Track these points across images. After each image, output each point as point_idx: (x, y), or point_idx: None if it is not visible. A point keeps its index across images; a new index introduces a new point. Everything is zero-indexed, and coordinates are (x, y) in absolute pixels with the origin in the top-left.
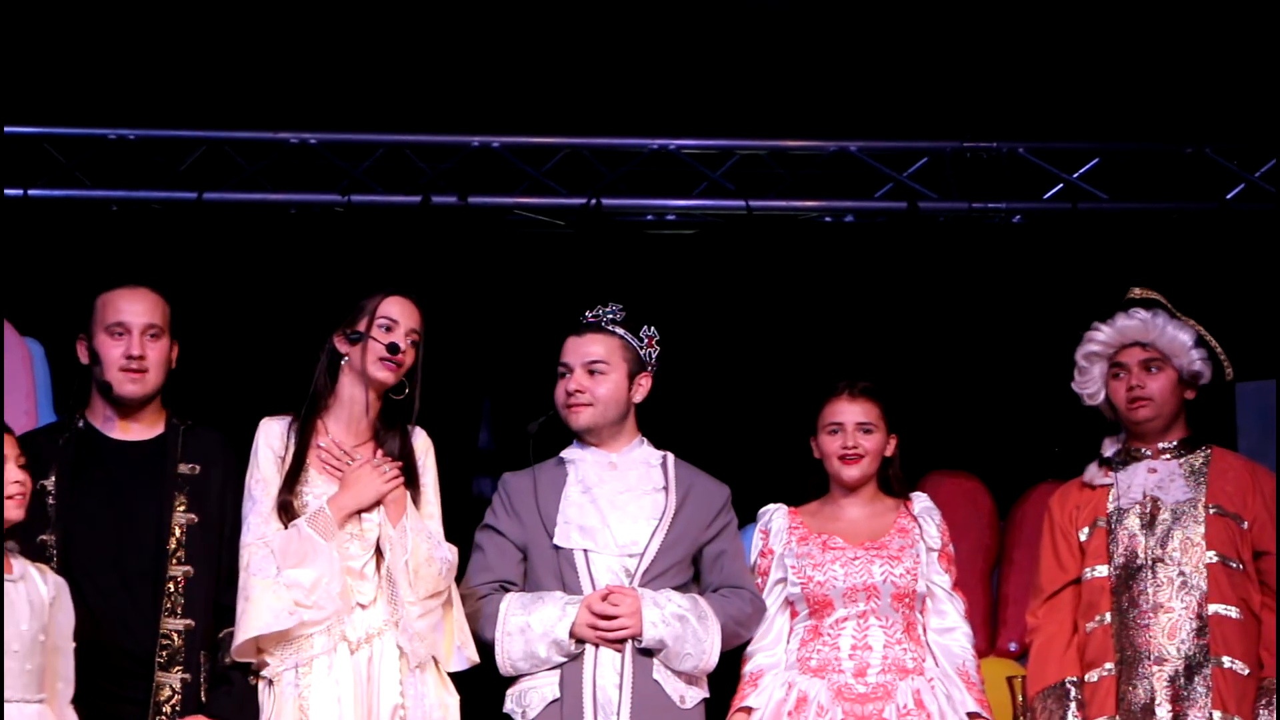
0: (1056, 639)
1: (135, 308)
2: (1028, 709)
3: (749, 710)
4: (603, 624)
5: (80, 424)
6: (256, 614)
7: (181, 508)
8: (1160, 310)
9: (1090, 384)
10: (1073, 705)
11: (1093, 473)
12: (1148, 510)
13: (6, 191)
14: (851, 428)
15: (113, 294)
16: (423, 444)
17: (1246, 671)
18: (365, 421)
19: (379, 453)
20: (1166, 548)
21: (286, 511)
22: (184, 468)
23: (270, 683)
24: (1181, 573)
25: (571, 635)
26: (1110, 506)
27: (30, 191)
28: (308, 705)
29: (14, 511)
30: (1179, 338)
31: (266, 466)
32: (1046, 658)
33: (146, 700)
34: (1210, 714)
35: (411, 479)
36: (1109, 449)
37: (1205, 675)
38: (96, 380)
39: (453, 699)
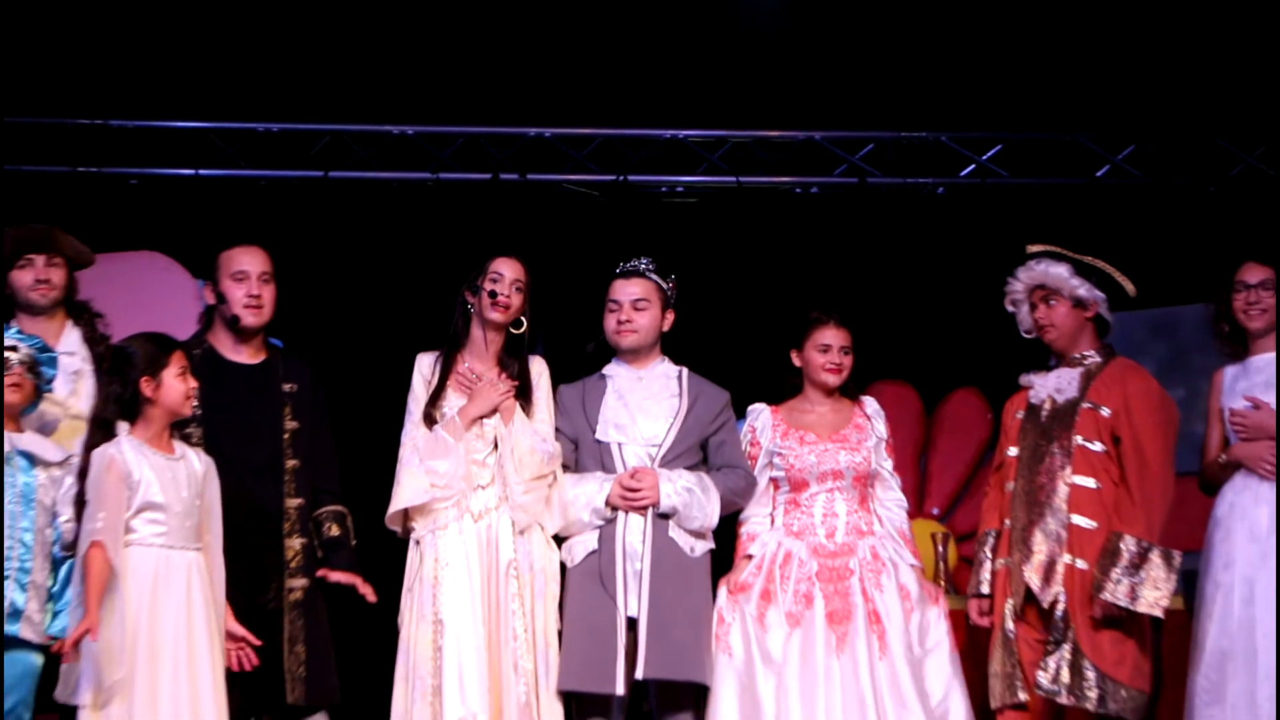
0: (990, 501)
1: (253, 259)
2: (943, 552)
3: (750, 557)
4: (630, 495)
5: (206, 345)
6: (402, 493)
7: (288, 416)
8: (1047, 257)
9: (1024, 322)
10: (990, 544)
11: (1028, 379)
12: (1045, 406)
13: (182, 171)
14: (837, 348)
15: (235, 250)
16: (537, 368)
17: (1094, 526)
18: (490, 352)
19: (501, 375)
20: (1052, 434)
21: (430, 420)
22: (286, 386)
23: (417, 542)
24: (1059, 454)
25: (607, 504)
26: (1031, 402)
27: (200, 171)
28: (441, 559)
29: (189, 409)
30: (1059, 273)
31: (418, 387)
32: (984, 514)
33: (281, 557)
34: (1065, 558)
35: (525, 394)
36: (1051, 362)
37: (1063, 530)
38: (223, 316)
39: (554, 554)
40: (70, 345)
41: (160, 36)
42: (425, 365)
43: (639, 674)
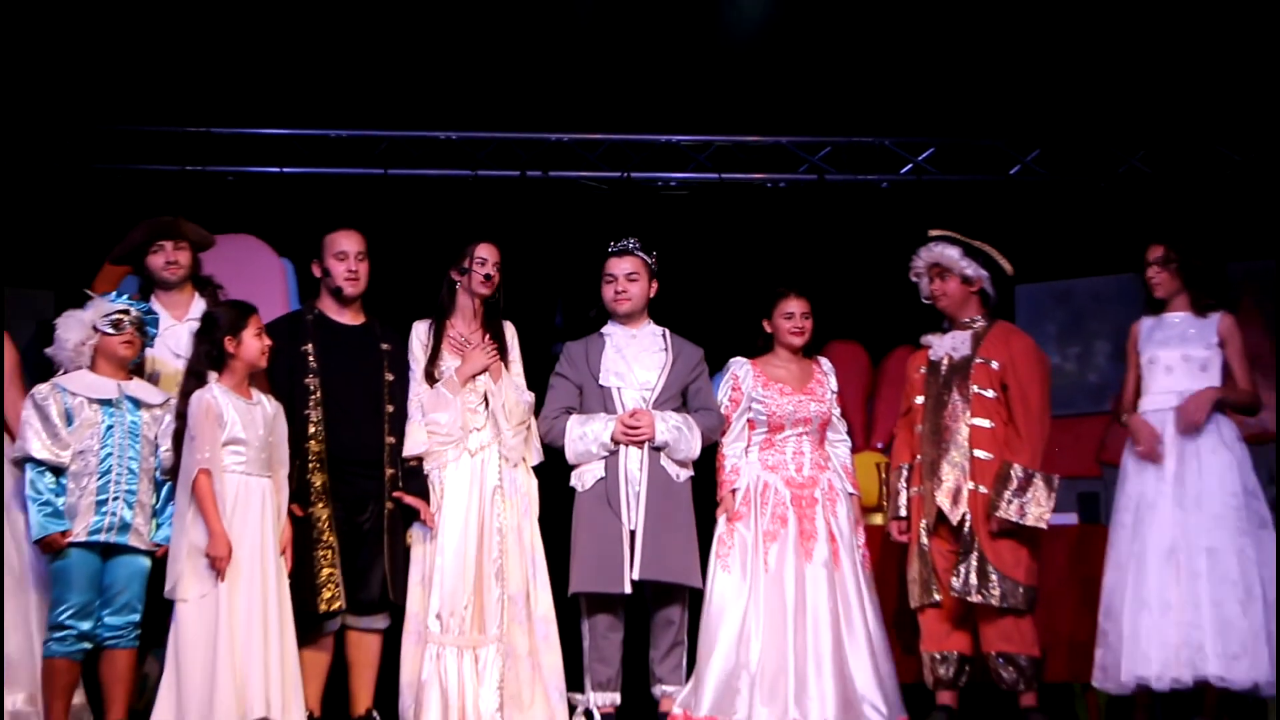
0: (901, 440)
1: (352, 241)
2: (885, 478)
3: (735, 490)
4: (630, 431)
5: (318, 312)
6: (410, 442)
7: (386, 370)
8: (943, 241)
9: (923, 291)
10: (905, 476)
11: (927, 339)
12: (944, 362)
13: (269, 169)
14: (799, 314)
15: (337, 233)
16: (510, 331)
17: (991, 458)
18: (475, 320)
19: (485, 338)
20: (953, 385)
21: (430, 378)
22: (384, 345)
23: (426, 475)
24: (959, 401)
25: (611, 439)
26: (931, 359)
27: (284, 169)
28: (445, 488)
29: (264, 362)
30: (951, 255)
31: (416, 350)
32: (896, 451)
33: (381, 482)
34: (968, 484)
35: (504, 353)
36: (944, 325)
37: (966, 461)
38: (328, 287)
39: (533, 481)
40: (196, 313)
41: (253, 62)
42: (421, 332)
43: (635, 575)
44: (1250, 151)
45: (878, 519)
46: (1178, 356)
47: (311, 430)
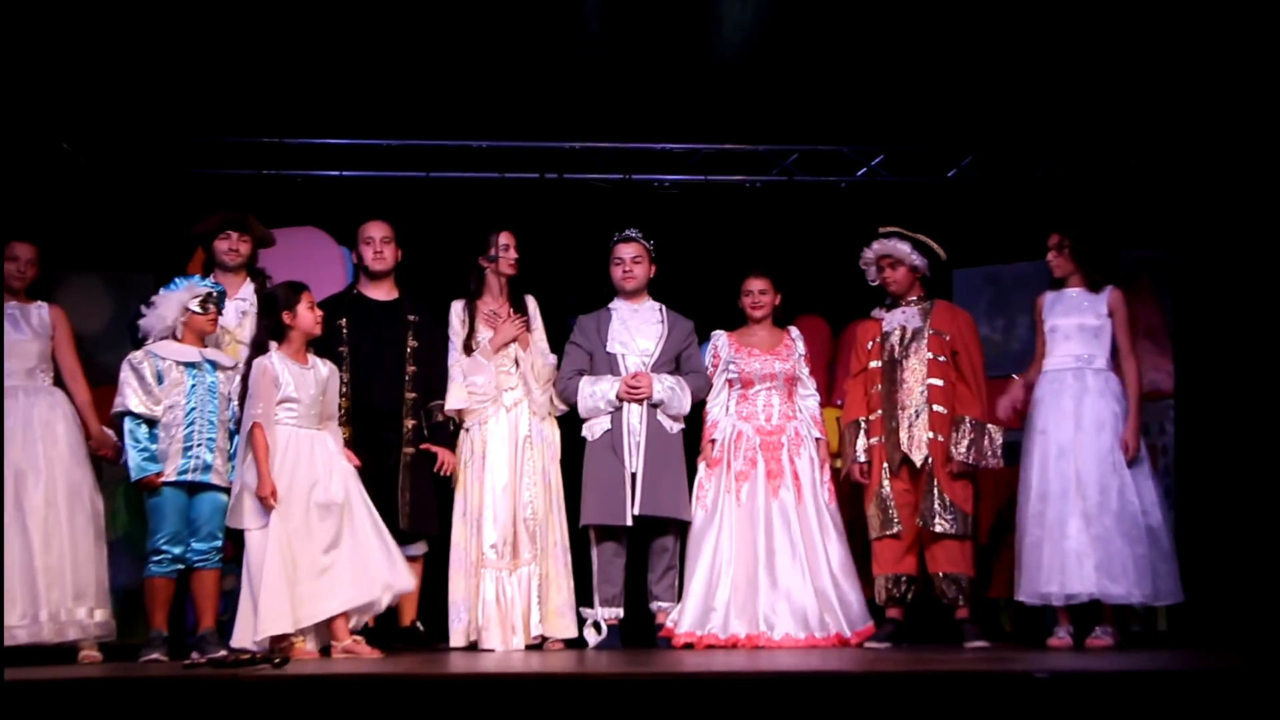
0: (856, 398)
1: (377, 228)
2: (842, 431)
3: (714, 441)
4: (632, 390)
5: (355, 292)
6: (451, 399)
7: (411, 337)
8: (895, 236)
9: (871, 276)
10: (862, 430)
11: (878, 313)
12: (896, 331)
13: (330, 172)
14: (756, 292)
15: (367, 223)
16: (533, 304)
17: (945, 412)
18: (502, 297)
19: (512, 313)
20: (909, 350)
21: (467, 348)
22: (411, 316)
23: (467, 429)
24: (915, 364)
25: (616, 397)
26: (884, 330)
27: (344, 173)
28: (486, 439)
29: (318, 330)
30: (901, 249)
31: (456, 325)
32: (851, 407)
33: (400, 433)
34: (928, 433)
35: (529, 325)
36: (887, 301)
37: (925, 415)
38: (362, 267)
39: (556, 431)
40: (245, 294)
41: (318, 84)
42: (458, 309)
43: (636, 510)
44: (1145, 158)
45: (837, 463)
46: (1075, 325)
47: (342, 390)
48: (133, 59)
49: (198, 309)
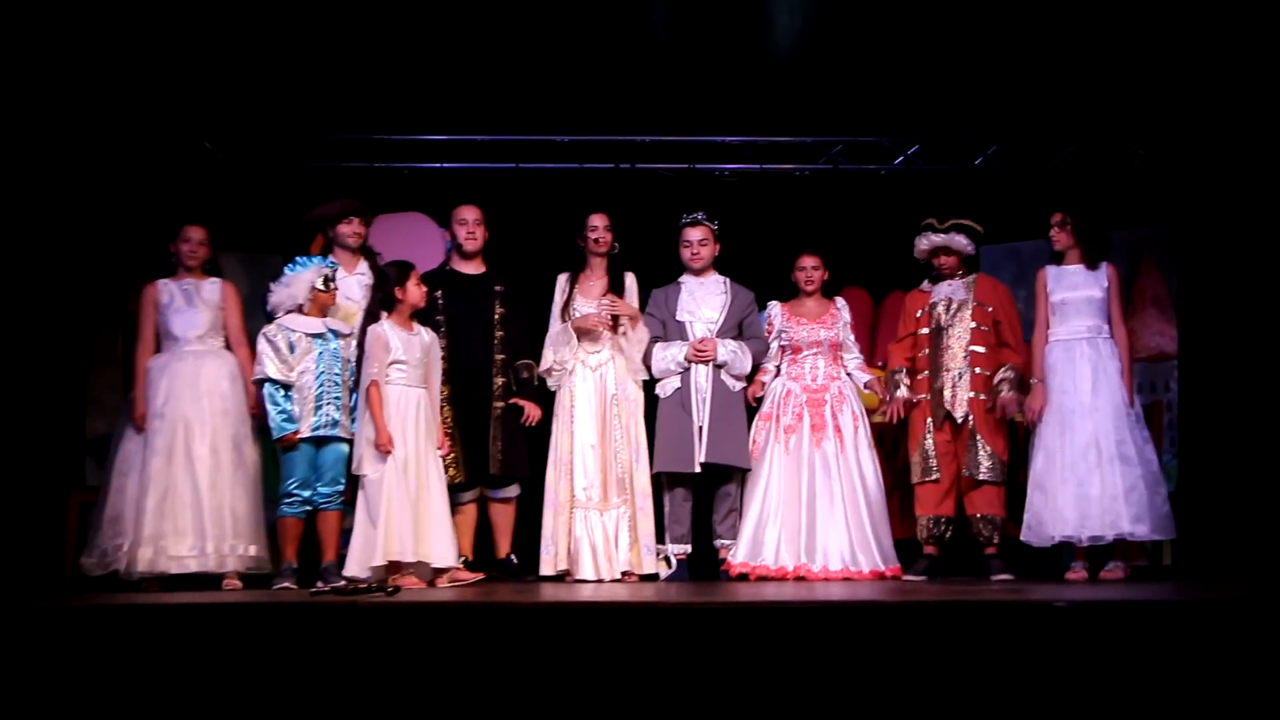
0: (898, 357)
1: (470, 211)
2: (884, 377)
3: (764, 384)
4: (699, 353)
5: (448, 268)
6: (543, 361)
7: (498, 305)
8: (954, 229)
9: (922, 256)
10: (903, 373)
11: (926, 286)
12: (946, 302)
13: (432, 164)
14: (809, 268)
15: (460, 206)
16: (630, 280)
17: (986, 374)
18: (600, 274)
19: (609, 295)
20: (954, 319)
21: (564, 317)
22: (498, 287)
23: (558, 387)
24: (960, 332)
25: (685, 358)
26: (931, 301)
27: (444, 164)
28: (574, 395)
29: (423, 302)
30: (959, 240)
31: (558, 296)
32: (892, 362)
33: (490, 389)
34: (970, 393)
35: (624, 296)
36: (932, 274)
37: (968, 376)
38: (455, 246)
39: (640, 393)
40: (362, 270)
41: (421, 87)
42: (561, 281)
43: (703, 458)
44: (1151, 146)
45: (876, 417)
46: (1084, 299)
47: (440, 354)
48: (262, 69)
49: (322, 286)
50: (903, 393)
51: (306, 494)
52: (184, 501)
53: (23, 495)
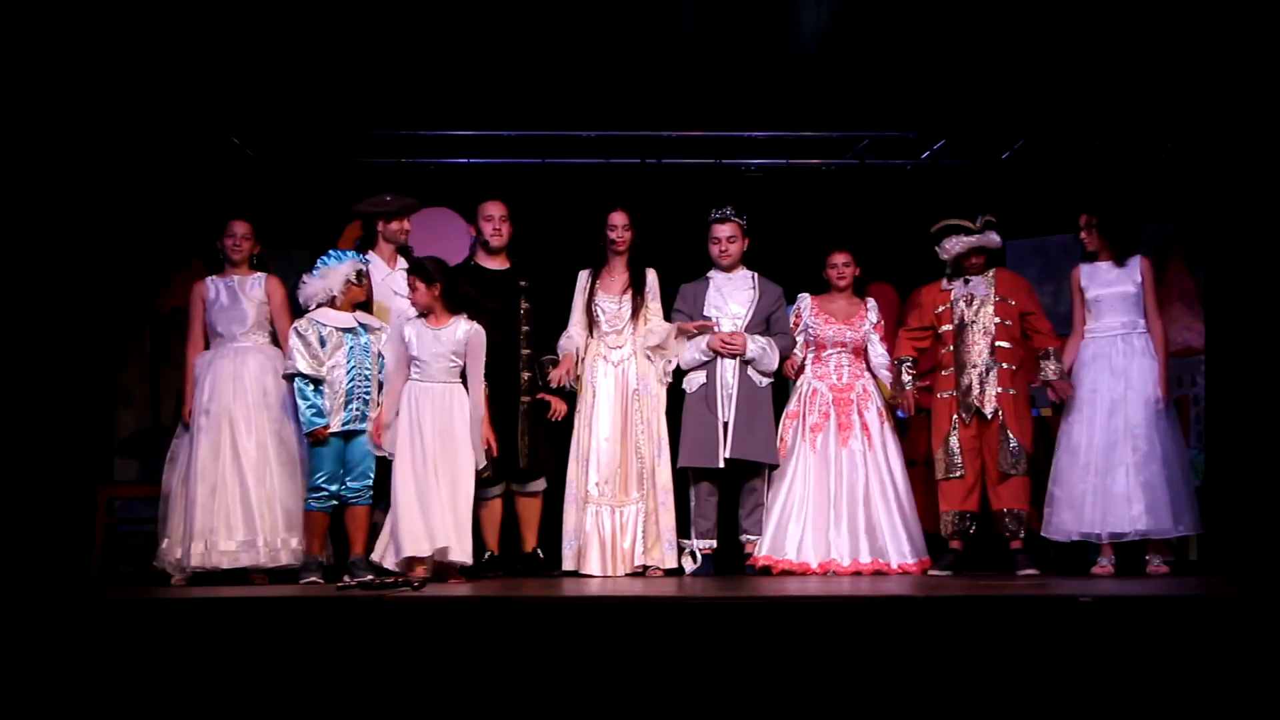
0: (905, 342)
1: (495, 208)
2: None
3: (798, 363)
4: (727, 345)
5: (472, 263)
6: (562, 350)
7: (523, 300)
8: (990, 228)
9: (949, 256)
10: (906, 370)
11: (945, 283)
12: (966, 298)
13: (459, 160)
14: (841, 265)
15: (486, 202)
16: (651, 276)
17: (1012, 369)
18: (621, 270)
19: (629, 293)
20: (978, 315)
21: (588, 312)
22: (522, 282)
23: (578, 378)
24: (984, 327)
25: (709, 346)
26: (953, 297)
27: (471, 160)
28: (596, 390)
29: (426, 300)
30: (993, 238)
31: (579, 291)
32: (900, 345)
33: (517, 384)
34: (998, 388)
35: (644, 292)
36: (948, 271)
37: (995, 372)
38: (480, 242)
39: (662, 389)
40: (403, 265)
41: (448, 84)
42: (583, 277)
43: (728, 454)
44: (1178, 141)
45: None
46: (1117, 295)
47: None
48: (289, 66)
49: (355, 281)
50: (905, 379)
51: (334, 488)
52: (233, 496)
53: (53, 490)
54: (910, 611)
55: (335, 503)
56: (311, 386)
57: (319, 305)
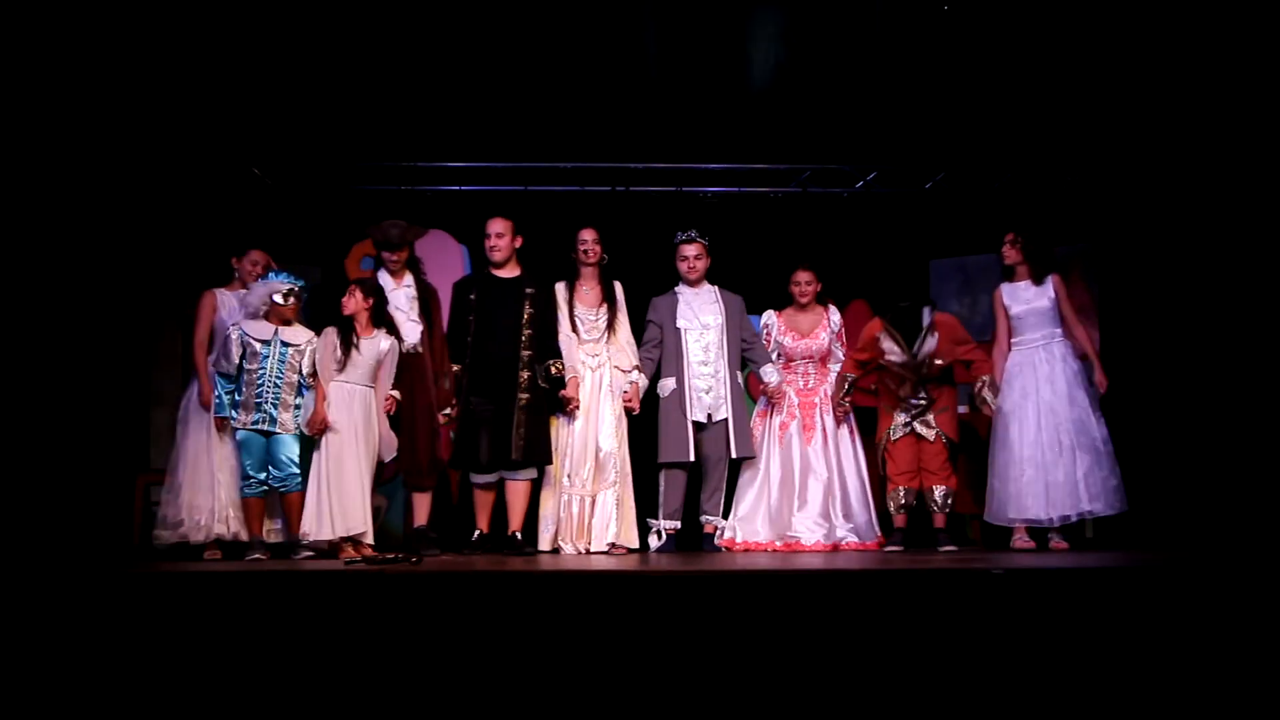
0: (851, 363)
1: (496, 225)
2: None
3: (767, 383)
4: (779, 394)
5: (486, 272)
6: (565, 361)
7: (527, 306)
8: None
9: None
10: (847, 384)
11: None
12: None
13: (453, 187)
14: (804, 282)
15: (489, 220)
16: (619, 289)
17: (948, 388)
18: (593, 283)
19: (603, 305)
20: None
21: (570, 321)
22: (528, 289)
23: (565, 383)
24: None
25: (771, 396)
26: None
27: (463, 187)
28: (579, 387)
29: (359, 309)
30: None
31: (560, 302)
32: (845, 364)
33: (515, 385)
34: (933, 414)
35: (615, 305)
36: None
37: (930, 404)
38: (487, 257)
39: (626, 389)
40: (408, 282)
41: (444, 121)
42: (560, 289)
43: (734, 454)
44: (1077, 173)
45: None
46: (1036, 310)
47: (467, 348)
48: (303, 111)
49: (280, 300)
50: (843, 395)
51: (262, 476)
52: (205, 484)
53: (96, 478)
54: (859, 583)
55: (265, 488)
56: (226, 384)
57: (249, 316)
